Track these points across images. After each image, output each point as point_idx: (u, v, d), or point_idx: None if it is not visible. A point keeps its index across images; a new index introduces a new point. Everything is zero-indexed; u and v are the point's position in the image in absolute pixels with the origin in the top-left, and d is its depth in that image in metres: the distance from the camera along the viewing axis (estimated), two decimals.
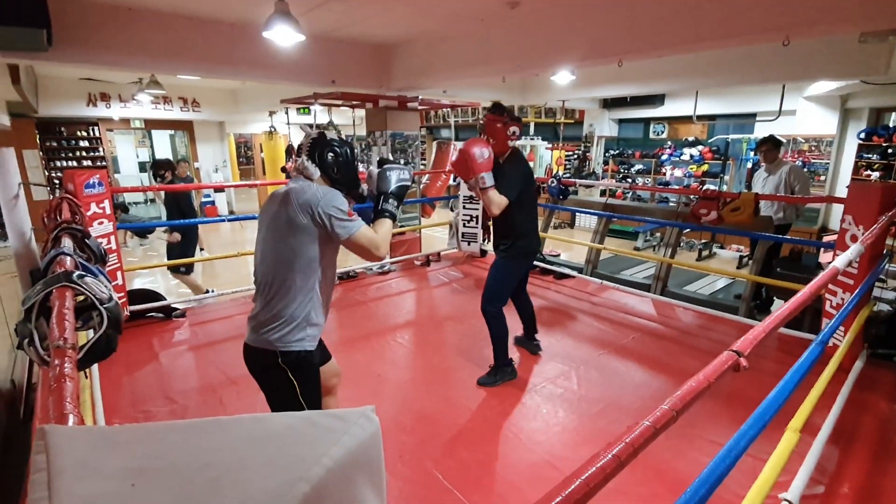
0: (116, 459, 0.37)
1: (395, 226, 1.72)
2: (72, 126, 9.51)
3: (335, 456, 0.41)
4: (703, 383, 0.75)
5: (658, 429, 0.63)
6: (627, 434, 0.61)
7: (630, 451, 0.58)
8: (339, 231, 1.57)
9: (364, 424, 0.46)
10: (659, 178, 9.21)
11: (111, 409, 2.56)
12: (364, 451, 0.44)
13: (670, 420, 0.66)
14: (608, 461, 0.56)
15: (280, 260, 1.60)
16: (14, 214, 3.48)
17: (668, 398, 0.70)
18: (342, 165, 1.70)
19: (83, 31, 3.46)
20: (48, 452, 0.37)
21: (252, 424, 0.44)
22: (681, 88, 6.07)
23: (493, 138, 2.62)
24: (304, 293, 1.60)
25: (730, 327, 3.73)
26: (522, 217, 2.72)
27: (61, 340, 0.92)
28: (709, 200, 3.71)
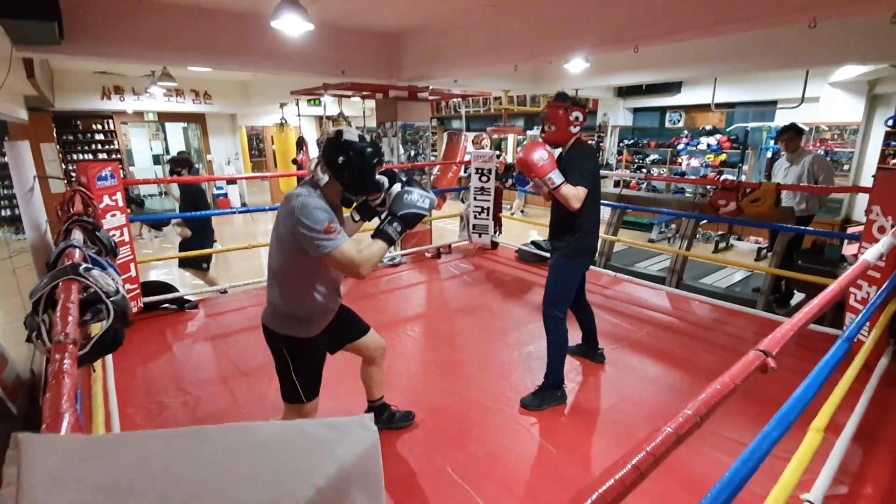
0: (91, 472, 0.35)
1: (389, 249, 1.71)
2: (87, 119, 9.64)
3: (327, 471, 0.37)
4: (729, 386, 0.70)
5: (681, 435, 0.59)
6: (648, 442, 0.57)
7: (651, 461, 0.54)
8: (311, 247, 1.56)
9: (361, 435, 0.42)
10: (675, 169, 9.02)
11: (125, 399, 2.59)
12: (361, 465, 0.41)
13: (694, 426, 0.62)
14: (628, 472, 0.52)
15: (274, 261, 1.71)
16: (30, 207, 3.53)
17: (692, 402, 0.66)
18: (353, 170, 1.63)
19: (94, 23, 3.47)
20: (19, 464, 0.34)
21: (238, 434, 0.40)
22: (699, 75, 5.91)
23: (555, 125, 2.46)
24: (296, 293, 1.72)
25: (748, 322, 3.63)
26: (589, 212, 2.49)
27: (62, 335, 0.90)
28: (728, 191, 3.60)
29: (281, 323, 1.73)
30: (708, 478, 1.94)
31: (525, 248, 5.33)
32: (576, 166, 2.41)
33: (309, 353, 1.78)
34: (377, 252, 1.64)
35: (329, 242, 1.54)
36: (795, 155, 4.21)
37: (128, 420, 2.43)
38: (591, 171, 2.44)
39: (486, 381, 2.81)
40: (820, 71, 6.11)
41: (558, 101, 2.48)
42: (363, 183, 1.68)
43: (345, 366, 2.35)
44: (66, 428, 0.64)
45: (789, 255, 3.95)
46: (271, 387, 2.75)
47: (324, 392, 1.92)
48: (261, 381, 2.81)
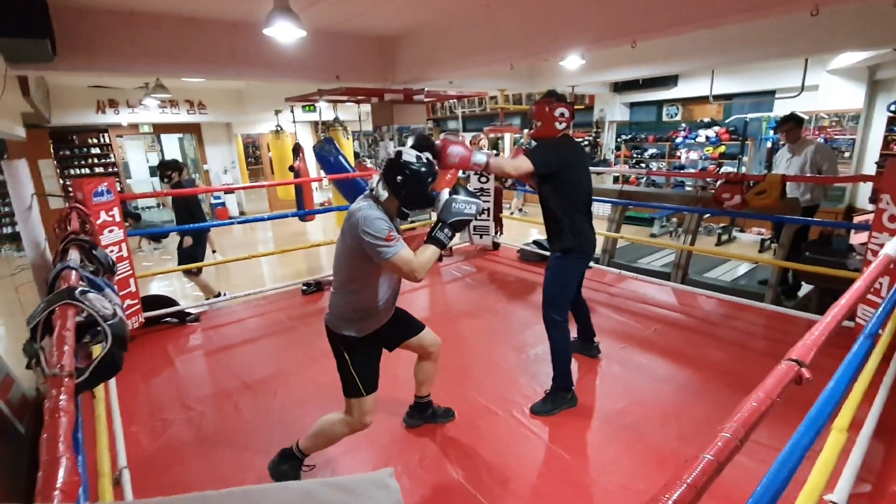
0: None
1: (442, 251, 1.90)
2: (83, 134, 9.60)
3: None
4: (766, 402, 0.66)
5: (721, 462, 0.55)
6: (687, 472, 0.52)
7: (693, 495, 0.50)
8: (375, 254, 1.73)
9: (380, 498, 0.37)
10: (674, 162, 8.98)
11: (129, 418, 2.55)
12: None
13: (734, 450, 0.58)
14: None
15: (338, 267, 1.92)
16: (29, 225, 3.49)
17: (728, 423, 0.61)
18: (410, 188, 1.81)
19: (86, 38, 3.44)
20: None
21: (241, 500, 0.36)
22: (696, 68, 5.86)
23: (541, 121, 2.45)
24: (354, 297, 1.89)
25: (756, 316, 3.59)
26: (567, 209, 2.44)
27: (58, 368, 0.86)
28: (732, 184, 3.56)
29: (341, 324, 1.92)
30: (731, 483, 1.89)
31: (527, 248, 5.28)
32: (538, 149, 2.43)
33: (365, 351, 1.95)
34: (431, 256, 1.81)
35: (390, 249, 1.71)
36: (797, 145, 4.16)
37: (132, 439, 2.38)
38: (556, 155, 2.40)
39: (494, 387, 2.76)
40: (819, 59, 6.06)
41: (543, 98, 2.48)
42: (418, 199, 1.87)
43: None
44: (62, 475, 0.60)
45: (796, 247, 3.90)
46: (276, 400, 2.71)
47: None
48: (265, 394, 2.77)
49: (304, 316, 4.00)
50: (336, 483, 0.38)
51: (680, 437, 2.25)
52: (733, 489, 1.88)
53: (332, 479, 0.39)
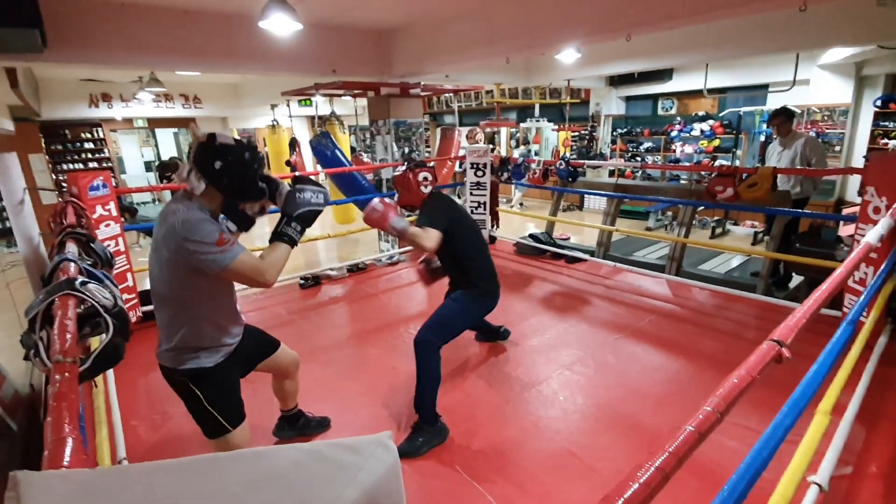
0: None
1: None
2: (76, 128, 9.53)
3: (350, 499, 0.35)
4: (746, 379, 0.69)
5: (703, 433, 0.57)
6: (670, 442, 0.55)
7: (675, 462, 0.53)
8: (206, 265, 1.41)
9: (381, 456, 0.40)
10: (669, 156, 9.02)
11: (128, 411, 2.56)
12: (384, 488, 0.39)
13: (715, 422, 0.60)
14: (652, 475, 0.51)
15: (160, 291, 1.54)
16: (21, 220, 3.48)
17: (710, 398, 0.64)
18: (232, 176, 1.48)
19: (77, 29, 3.41)
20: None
21: (252, 463, 0.38)
22: (690, 62, 5.89)
23: (405, 190, 2.48)
24: (192, 323, 1.55)
25: (748, 306, 3.64)
26: (472, 254, 2.48)
27: (61, 355, 0.88)
28: (725, 177, 3.60)
29: (182, 357, 1.57)
30: (716, 464, 1.94)
31: (523, 242, 5.31)
32: (426, 212, 2.44)
33: (219, 379, 1.63)
34: (282, 256, 1.55)
35: (225, 255, 1.40)
36: (788, 138, 4.20)
37: (132, 432, 2.40)
38: (445, 213, 2.40)
39: (491, 378, 2.80)
40: (809, 54, 6.11)
41: (405, 170, 2.49)
42: (246, 191, 1.55)
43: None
44: (69, 453, 0.62)
45: (787, 239, 3.95)
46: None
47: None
48: (264, 386, 2.77)
49: (302, 310, 4.02)
50: (341, 443, 0.41)
51: (673, 424, 2.29)
52: (719, 469, 1.93)
53: (338, 441, 0.42)
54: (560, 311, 3.74)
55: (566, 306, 3.82)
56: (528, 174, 5.24)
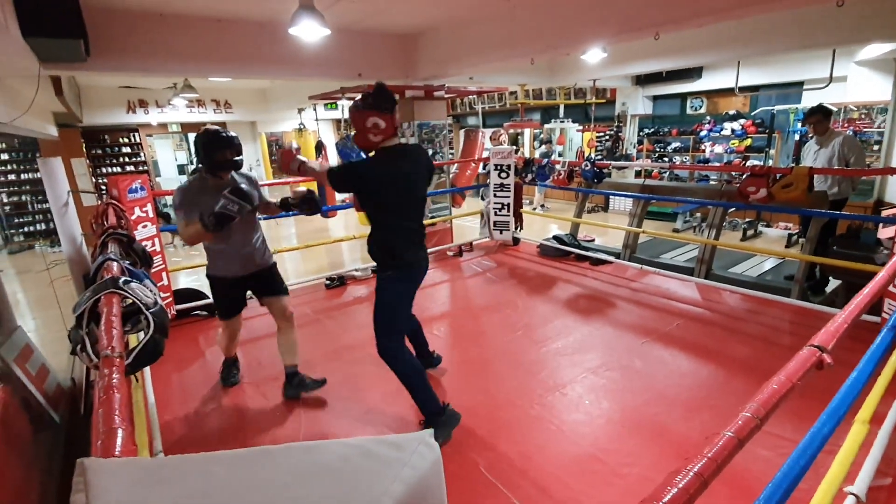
0: (160, 500, 0.35)
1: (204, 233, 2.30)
2: (114, 133, 9.94)
3: (395, 494, 0.37)
4: (786, 385, 0.67)
5: (742, 439, 0.57)
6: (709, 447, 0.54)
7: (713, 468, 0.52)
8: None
9: (424, 453, 0.42)
10: (698, 156, 8.81)
11: (163, 406, 2.66)
12: (425, 485, 0.40)
13: (754, 429, 0.60)
14: (691, 480, 0.50)
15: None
16: (65, 221, 3.65)
17: (749, 403, 0.63)
18: (199, 153, 2.41)
19: (118, 39, 3.56)
20: (88, 493, 0.35)
21: (301, 455, 0.40)
22: (721, 59, 5.74)
23: (356, 129, 2.16)
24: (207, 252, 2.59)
25: (782, 311, 3.53)
26: (387, 230, 2.25)
27: (109, 349, 0.93)
28: (758, 177, 3.50)
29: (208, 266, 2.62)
30: (749, 473, 1.89)
31: (547, 243, 5.28)
32: (350, 162, 2.30)
33: (217, 289, 2.66)
34: (194, 232, 2.29)
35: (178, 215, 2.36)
36: (825, 137, 4.06)
37: (166, 427, 2.49)
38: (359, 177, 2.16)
39: (515, 379, 2.79)
40: (846, 50, 5.87)
41: (355, 104, 2.16)
42: (208, 164, 2.41)
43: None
44: (119, 444, 0.66)
45: (823, 241, 3.81)
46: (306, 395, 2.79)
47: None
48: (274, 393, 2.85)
49: (327, 309, 4.09)
50: (385, 440, 0.43)
51: (703, 432, 2.25)
52: (751, 478, 1.87)
53: (383, 437, 0.43)
54: (584, 313, 3.70)
55: (591, 309, 3.78)
56: (552, 175, 5.20)
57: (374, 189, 2.15)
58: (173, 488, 0.36)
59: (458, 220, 6.85)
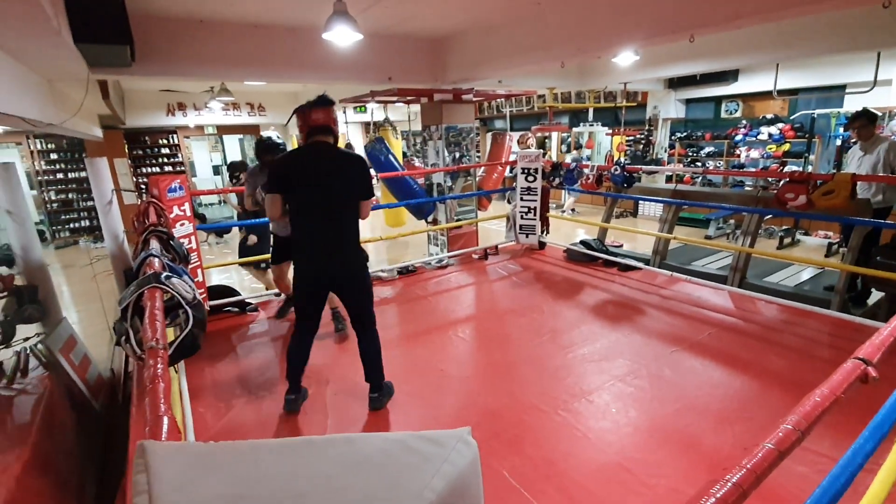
0: (213, 483, 0.37)
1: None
2: (154, 135, 10.36)
3: (437, 489, 0.38)
4: (830, 398, 0.65)
5: (782, 452, 0.55)
6: (748, 458, 0.53)
7: (753, 480, 0.51)
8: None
9: (462, 450, 0.43)
10: (732, 161, 8.56)
11: (196, 397, 2.75)
12: (464, 482, 0.41)
13: (795, 441, 0.58)
14: (729, 491, 0.49)
15: None
16: (109, 218, 3.83)
17: (790, 415, 0.62)
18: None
19: (161, 45, 3.72)
20: (148, 473, 0.37)
21: (344, 447, 0.42)
22: (759, 62, 5.57)
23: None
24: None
25: (821, 323, 3.39)
26: (296, 227, 2.35)
27: (154, 341, 0.97)
28: (797, 183, 3.37)
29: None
30: (784, 489, 1.82)
31: (574, 248, 5.22)
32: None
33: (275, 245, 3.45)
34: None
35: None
36: (869, 143, 3.89)
37: (199, 418, 2.58)
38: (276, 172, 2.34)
39: (540, 385, 2.77)
40: (892, 52, 5.61)
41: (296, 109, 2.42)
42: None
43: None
44: (165, 430, 0.69)
45: (866, 251, 3.65)
46: (328, 388, 2.84)
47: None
48: (318, 382, 2.90)
49: None
50: (426, 436, 0.44)
51: (735, 445, 2.18)
52: (786, 495, 1.81)
53: (422, 433, 0.45)
54: (612, 320, 3.64)
55: (619, 315, 3.71)
56: (580, 179, 5.14)
57: (273, 182, 2.31)
58: (226, 473, 0.38)
59: (485, 223, 6.84)
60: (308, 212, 2.31)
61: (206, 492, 0.36)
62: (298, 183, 2.28)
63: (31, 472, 2.27)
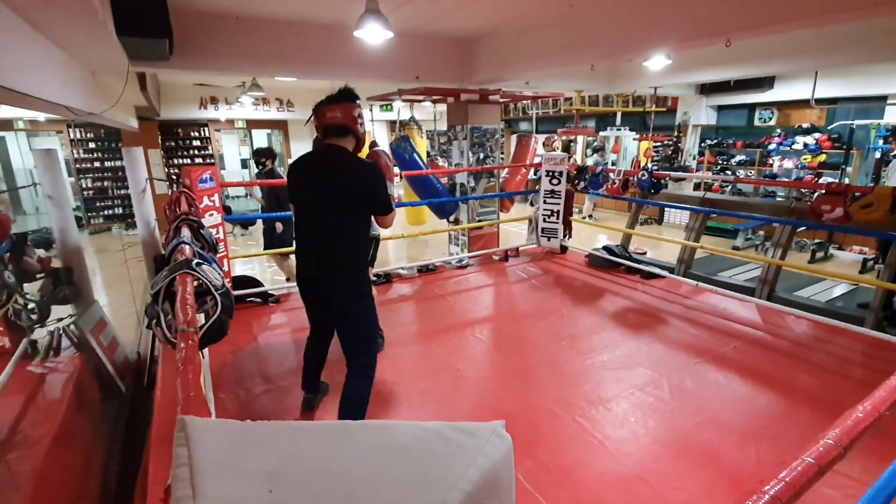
0: (252, 459, 0.38)
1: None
2: (187, 127, 10.64)
3: (472, 479, 0.38)
4: (872, 415, 0.62)
5: (822, 467, 0.53)
6: (787, 472, 0.52)
7: (791, 494, 0.49)
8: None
9: (496, 443, 0.42)
10: (764, 171, 8.32)
11: (218, 383, 2.81)
12: (498, 475, 0.41)
13: (836, 458, 0.56)
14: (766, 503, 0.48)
15: None
16: (142, 206, 3.95)
17: (831, 430, 0.59)
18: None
19: (197, 40, 3.81)
20: (189, 446, 0.38)
21: (380, 433, 0.42)
22: (797, 69, 5.40)
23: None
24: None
25: (853, 340, 3.26)
26: (297, 236, 2.21)
27: (186, 324, 1.00)
28: (834, 195, 3.26)
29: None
30: None
31: (596, 253, 5.15)
32: None
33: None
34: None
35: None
36: None
37: (220, 404, 2.63)
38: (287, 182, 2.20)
39: (557, 389, 2.74)
40: None
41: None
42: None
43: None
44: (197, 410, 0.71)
45: None
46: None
47: None
48: (337, 373, 2.92)
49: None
50: (460, 427, 0.44)
51: (759, 462, 2.12)
52: None
53: (457, 424, 0.45)
54: (633, 328, 3.58)
55: (640, 324, 3.65)
56: (606, 184, 5.07)
57: (293, 192, 2.17)
58: (264, 450, 0.39)
59: (506, 224, 6.81)
60: (301, 226, 2.13)
61: (245, 467, 0.37)
62: (297, 192, 2.11)
63: (60, 446, 2.36)
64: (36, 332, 3.17)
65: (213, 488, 0.35)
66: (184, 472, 0.37)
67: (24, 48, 2.16)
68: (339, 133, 2.06)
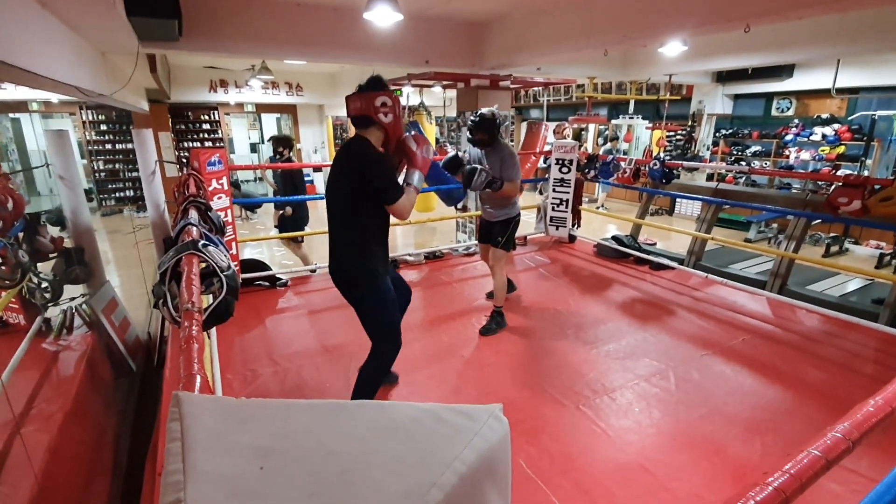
0: (245, 436, 0.37)
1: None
2: (196, 110, 10.65)
3: (467, 460, 0.37)
4: (885, 409, 0.61)
5: (829, 461, 0.52)
6: (793, 465, 0.50)
7: (797, 487, 0.48)
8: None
9: (494, 425, 0.42)
10: (780, 162, 8.16)
11: (225, 364, 2.85)
12: (493, 457, 0.40)
13: (844, 451, 0.54)
14: (770, 495, 0.47)
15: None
16: (152, 188, 3.97)
17: (840, 423, 0.58)
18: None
19: (208, 21, 3.79)
20: (182, 421, 0.38)
21: (375, 412, 0.42)
22: (818, 57, 5.25)
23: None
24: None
25: (866, 336, 3.21)
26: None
27: (190, 304, 1.00)
28: (852, 188, 3.18)
29: None
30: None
31: (605, 243, 5.10)
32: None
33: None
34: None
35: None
36: None
37: (227, 384, 2.67)
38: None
39: (561, 378, 2.74)
40: None
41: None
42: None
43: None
44: (198, 387, 0.71)
45: None
46: (352, 364, 2.89)
47: None
48: (342, 357, 2.96)
49: None
50: (457, 408, 0.44)
51: (764, 455, 2.11)
52: None
53: (454, 406, 0.44)
54: (640, 318, 3.55)
55: (647, 314, 3.62)
56: (616, 173, 5.00)
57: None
58: (258, 426, 0.39)
59: None
60: (329, 211, 2.20)
61: (237, 442, 0.37)
62: (326, 183, 2.26)
63: (73, 421, 2.41)
64: (49, 311, 3.23)
65: (204, 463, 0.35)
66: (176, 446, 0.37)
67: (34, 28, 2.16)
68: (361, 123, 2.08)
